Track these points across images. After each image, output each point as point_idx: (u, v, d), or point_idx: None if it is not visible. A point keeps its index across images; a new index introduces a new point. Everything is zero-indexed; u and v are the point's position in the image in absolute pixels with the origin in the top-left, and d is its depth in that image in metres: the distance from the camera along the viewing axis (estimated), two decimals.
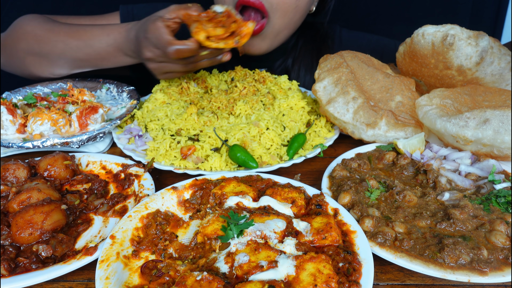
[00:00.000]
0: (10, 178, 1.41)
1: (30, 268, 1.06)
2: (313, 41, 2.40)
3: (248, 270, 0.95)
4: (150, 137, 1.68)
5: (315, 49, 2.39)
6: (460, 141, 1.43)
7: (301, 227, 1.10)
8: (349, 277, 0.97)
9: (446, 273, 1.01)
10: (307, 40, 2.40)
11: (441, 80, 1.75)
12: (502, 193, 1.26)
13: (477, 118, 1.37)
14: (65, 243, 1.14)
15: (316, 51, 2.37)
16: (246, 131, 1.59)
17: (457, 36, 1.59)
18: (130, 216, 1.20)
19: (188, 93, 1.91)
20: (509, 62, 1.62)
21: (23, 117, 1.74)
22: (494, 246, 1.08)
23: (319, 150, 1.63)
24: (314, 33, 2.41)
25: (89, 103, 1.78)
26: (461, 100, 1.56)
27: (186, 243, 1.15)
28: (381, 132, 1.60)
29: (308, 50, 2.39)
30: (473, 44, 1.59)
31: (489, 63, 1.62)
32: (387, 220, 1.18)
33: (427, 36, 1.65)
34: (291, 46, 2.39)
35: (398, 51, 1.89)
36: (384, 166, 1.49)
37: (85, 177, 1.47)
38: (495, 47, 1.62)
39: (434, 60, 1.69)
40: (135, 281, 1.03)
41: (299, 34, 2.36)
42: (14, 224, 1.15)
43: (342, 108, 1.63)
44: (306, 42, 2.40)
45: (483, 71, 1.64)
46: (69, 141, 1.62)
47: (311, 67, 2.40)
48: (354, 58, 1.84)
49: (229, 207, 1.18)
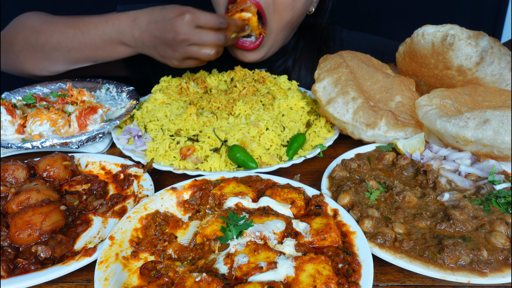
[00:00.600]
0: (9, 179, 1.41)
1: (29, 269, 1.06)
2: (313, 42, 2.42)
3: (247, 271, 0.95)
4: (149, 138, 1.68)
5: (316, 50, 2.41)
6: (460, 142, 1.42)
7: (301, 228, 1.09)
8: (348, 278, 0.96)
9: (446, 274, 1.01)
10: (307, 41, 2.41)
11: (441, 80, 1.75)
12: (502, 194, 1.26)
13: (477, 118, 1.36)
14: (64, 244, 1.14)
15: (317, 52, 2.39)
16: (245, 131, 1.59)
17: (457, 36, 1.59)
18: (129, 217, 1.20)
19: (187, 93, 1.90)
20: (509, 62, 1.62)
21: (22, 118, 1.73)
22: (494, 247, 1.08)
23: (318, 150, 1.62)
24: (314, 33, 2.42)
25: (89, 104, 1.78)
26: (461, 100, 1.56)
27: (185, 244, 1.15)
28: (381, 133, 1.60)
29: (309, 51, 2.41)
30: (473, 44, 1.59)
31: (489, 63, 1.61)
32: (387, 220, 1.17)
33: (427, 36, 1.65)
34: (292, 47, 2.39)
35: (398, 51, 1.89)
36: (383, 166, 1.49)
37: (84, 178, 1.47)
38: (495, 47, 1.61)
39: (434, 60, 1.68)
40: (134, 282, 1.02)
41: (300, 35, 2.37)
42: (13, 225, 1.15)
43: (341, 108, 1.62)
44: (306, 43, 2.41)
45: (483, 71, 1.63)
46: (68, 142, 1.62)
47: (311, 68, 2.41)
48: (354, 58, 1.84)
49: (228, 208, 1.18)
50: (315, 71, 1.79)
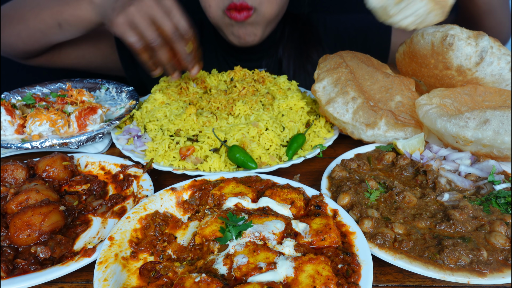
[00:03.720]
0: (9, 179, 1.41)
1: (28, 269, 1.06)
2: (297, 29, 2.57)
3: (246, 271, 0.94)
4: (149, 138, 1.68)
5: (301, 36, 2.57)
6: (460, 142, 1.42)
7: (300, 228, 1.09)
8: (348, 278, 0.96)
9: (446, 274, 1.00)
10: (292, 29, 2.56)
11: (441, 80, 1.74)
12: (502, 194, 1.26)
13: (477, 118, 1.36)
14: (64, 244, 1.14)
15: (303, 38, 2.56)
16: (245, 131, 1.59)
17: (457, 36, 1.59)
18: (129, 217, 1.20)
19: (187, 94, 1.90)
20: (509, 62, 1.62)
21: (22, 118, 1.73)
22: (494, 247, 1.08)
23: (318, 150, 1.62)
24: (297, 21, 2.58)
25: (88, 104, 1.78)
26: (461, 100, 1.56)
27: (185, 245, 1.15)
28: (381, 132, 1.60)
29: (294, 38, 2.56)
30: (472, 44, 1.59)
31: (489, 63, 1.61)
32: (387, 221, 1.17)
33: (427, 36, 1.65)
34: (279, 34, 2.52)
35: (397, 51, 1.89)
36: (383, 166, 1.48)
37: (83, 178, 1.47)
38: (495, 47, 1.61)
39: (433, 60, 1.68)
40: (134, 282, 1.02)
41: (285, 23, 2.53)
42: (12, 225, 1.15)
43: (341, 108, 1.62)
44: (291, 31, 2.56)
45: (483, 71, 1.63)
46: (68, 142, 1.62)
47: (299, 53, 2.55)
48: (354, 58, 1.84)
49: (227, 208, 1.18)
50: (315, 71, 1.79)
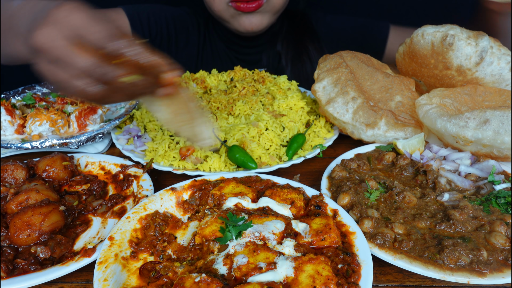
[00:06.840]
0: (9, 179, 1.41)
1: (28, 269, 1.06)
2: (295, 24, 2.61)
3: (246, 271, 0.94)
4: (149, 138, 1.68)
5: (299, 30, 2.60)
6: (460, 142, 1.42)
7: (300, 228, 1.09)
8: (348, 278, 0.96)
9: (446, 274, 1.00)
10: (290, 24, 2.60)
11: (441, 80, 1.74)
12: (502, 194, 1.26)
13: (477, 118, 1.36)
14: (63, 244, 1.14)
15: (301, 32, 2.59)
16: (245, 131, 1.59)
17: (457, 36, 1.59)
18: (129, 217, 1.20)
19: None
20: (509, 62, 1.62)
21: (22, 118, 1.73)
22: (494, 247, 1.08)
23: (318, 150, 1.62)
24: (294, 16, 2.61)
25: (88, 104, 1.78)
26: (461, 100, 1.56)
27: (185, 245, 1.15)
28: (381, 132, 1.59)
29: (291, 32, 2.59)
30: (472, 44, 1.59)
31: (489, 63, 1.61)
32: (387, 221, 1.17)
33: (427, 36, 1.65)
34: (278, 28, 2.55)
35: (397, 51, 1.88)
36: (383, 166, 1.48)
37: (83, 178, 1.46)
38: (495, 47, 1.61)
39: (433, 60, 1.68)
40: (134, 282, 1.02)
41: (283, 18, 2.56)
42: (12, 225, 1.15)
43: (341, 108, 1.62)
44: (289, 25, 2.60)
45: (483, 71, 1.63)
46: (68, 142, 1.62)
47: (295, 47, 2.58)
48: (354, 58, 1.83)
49: (227, 208, 1.18)
50: (315, 71, 1.79)
